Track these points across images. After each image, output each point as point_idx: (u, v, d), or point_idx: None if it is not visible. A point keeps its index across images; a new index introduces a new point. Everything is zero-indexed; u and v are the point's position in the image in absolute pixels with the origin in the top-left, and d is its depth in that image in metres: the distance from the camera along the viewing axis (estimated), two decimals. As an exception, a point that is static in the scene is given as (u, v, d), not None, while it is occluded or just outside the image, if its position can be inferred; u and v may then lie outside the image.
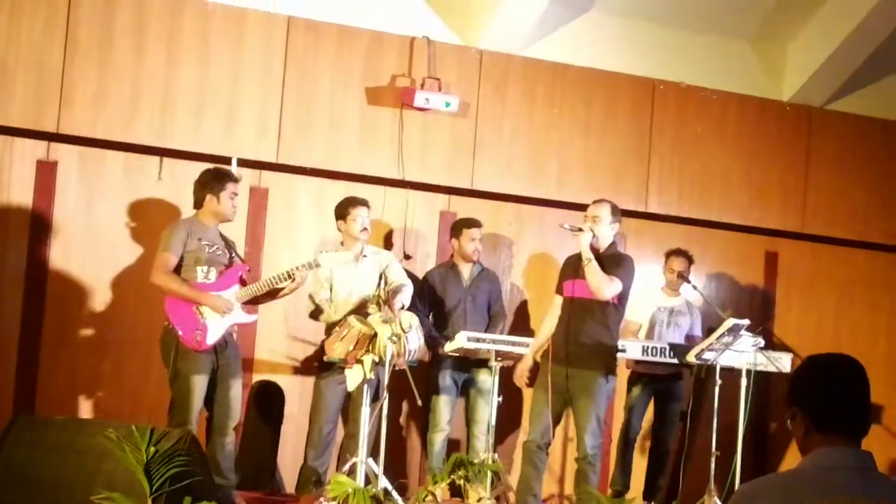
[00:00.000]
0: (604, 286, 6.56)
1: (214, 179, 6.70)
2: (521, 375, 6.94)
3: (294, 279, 6.66)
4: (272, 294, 6.76)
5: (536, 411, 6.68)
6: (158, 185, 7.72)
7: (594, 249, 6.67)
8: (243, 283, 6.67)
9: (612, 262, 6.70)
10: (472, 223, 7.91)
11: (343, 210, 7.33)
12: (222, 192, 6.64)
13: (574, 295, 6.66)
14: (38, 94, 7.32)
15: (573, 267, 6.73)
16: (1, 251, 7.41)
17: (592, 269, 6.54)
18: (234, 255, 6.73)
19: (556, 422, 6.73)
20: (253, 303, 6.77)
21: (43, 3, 7.34)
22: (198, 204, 6.71)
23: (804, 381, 2.80)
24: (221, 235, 6.76)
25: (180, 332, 6.43)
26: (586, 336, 6.57)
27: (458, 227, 7.96)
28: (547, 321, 6.91)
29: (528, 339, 7.33)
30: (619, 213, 6.88)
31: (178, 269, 6.55)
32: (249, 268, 6.75)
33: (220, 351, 6.53)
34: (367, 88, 8.08)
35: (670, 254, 8.32)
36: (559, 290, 6.88)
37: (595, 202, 6.91)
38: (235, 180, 6.80)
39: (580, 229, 6.66)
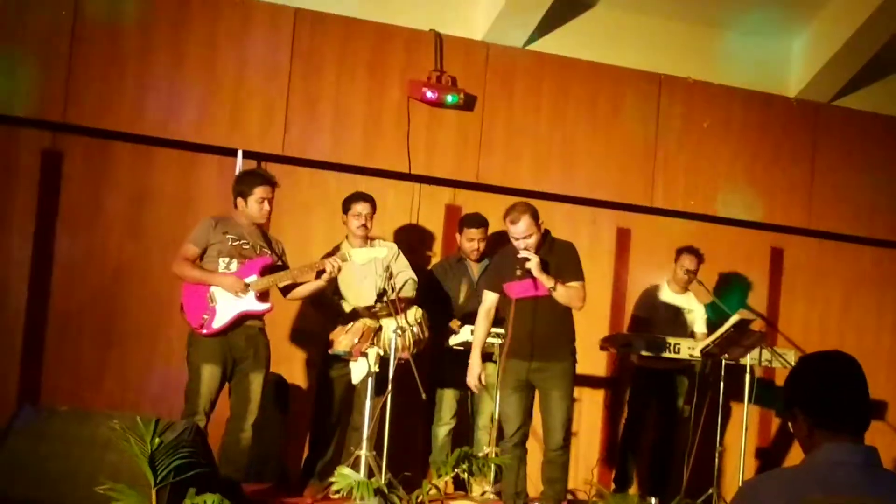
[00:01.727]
0: (575, 300, 6.52)
1: (246, 182, 6.69)
2: (473, 380, 6.71)
3: (321, 273, 6.67)
4: (294, 286, 6.77)
5: (507, 413, 6.61)
6: (164, 176, 7.72)
7: (536, 251, 6.46)
8: (264, 274, 6.63)
9: (561, 259, 6.54)
10: (474, 222, 7.80)
11: (346, 205, 7.33)
12: (250, 196, 6.60)
13: (538, 293, 6.48)
14: (45, 85, 7.32)
15: (525, 269, 6.42)
16: (6, 242, 7.41)
17: (560, 294, 6.45)
18: (266, 250, 6.67)
19: (531, 416, 6.64)
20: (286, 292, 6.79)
21: (50, -7, 7.35)
22: (234, 202, 6.71)
23: (802, 381, 2.79)
24: (262, 234, 6.74)
25: (187, 314, 6.45)
26: (553, 329, 6.50)
27: (462, 224, 7.93)
28: (482, 321, 6.70)
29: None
30: (534, 209, 6.56)
31: (201, 261, 6.55)
32: (272, 262, 6.69)
33: (236, 342, 6.51)
34: (373, 81, 8.07)
35: (682, 251, 8.24)
36: (498, 290, 6.61)
37: (512, 222, 6.44)
38: (269, 184, 6.66)
39: (527, 259, 6.39)
